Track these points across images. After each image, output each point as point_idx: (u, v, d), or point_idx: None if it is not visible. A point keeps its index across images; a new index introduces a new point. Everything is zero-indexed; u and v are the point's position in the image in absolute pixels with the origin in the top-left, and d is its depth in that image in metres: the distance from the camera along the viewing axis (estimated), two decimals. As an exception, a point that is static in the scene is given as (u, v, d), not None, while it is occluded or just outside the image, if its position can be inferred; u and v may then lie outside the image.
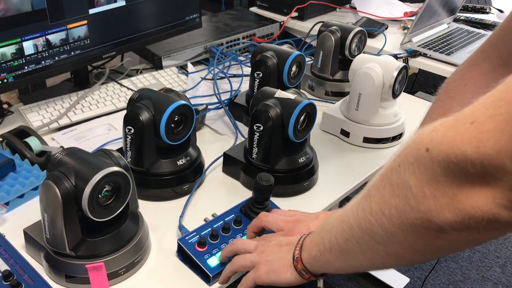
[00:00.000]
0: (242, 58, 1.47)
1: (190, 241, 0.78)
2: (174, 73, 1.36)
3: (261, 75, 1.10)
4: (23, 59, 1.05)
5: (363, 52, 1.24)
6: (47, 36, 1.08)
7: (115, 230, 0.73)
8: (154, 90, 0.94)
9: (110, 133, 1.12)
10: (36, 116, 1.12)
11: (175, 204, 0.91)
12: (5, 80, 1.04)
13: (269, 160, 0.93)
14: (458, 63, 0.91)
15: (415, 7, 1.84)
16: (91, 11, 1.14)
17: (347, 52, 1.27)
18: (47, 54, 1.09)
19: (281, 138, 0.92)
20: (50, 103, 1.16)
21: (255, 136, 0.92)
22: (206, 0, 1.97)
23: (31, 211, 0.87)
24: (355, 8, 1.81)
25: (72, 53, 1.14)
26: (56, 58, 1.11)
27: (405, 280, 1.89)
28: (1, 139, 1.00)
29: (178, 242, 0.79)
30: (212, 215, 0.86)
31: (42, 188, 0.68)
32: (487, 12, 1.91)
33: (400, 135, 1.14)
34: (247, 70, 1.38)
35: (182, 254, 0.79)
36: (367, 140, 1.11)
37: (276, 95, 0.93)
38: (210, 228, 0.80)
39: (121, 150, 0.89)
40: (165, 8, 1.30)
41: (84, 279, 0.72)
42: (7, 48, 1.02)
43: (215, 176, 1.01)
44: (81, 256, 0.71)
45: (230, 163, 1.00)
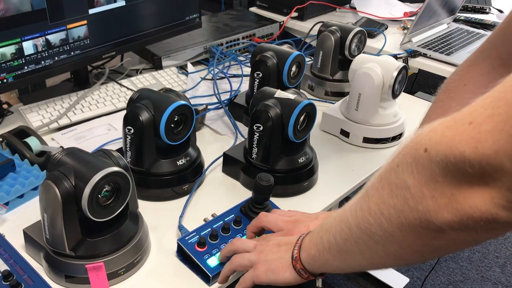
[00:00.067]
0: (242, 58, 1.47)
1: (189, 241, 0.78)
2: (174, 73, 1.36)
3: (261, 75, 1.10)
4: (23, 59, 1.05)
5: (363, 52, 1.24)
6: (47, 36, 1.08)
7: (114, 230, 0.73)
8: (154, 90, 0.94)
9: (110, 133, 1.12)
10: (36, 116, 1.12)
11: (175, 204, 0.91)
12: (4, 80, 1.04)
13: (269, 160, 0.93)
14: (457, 63, 0.91)
15: (415, 7, 1.84)
16: (91, 11, 1.14)
17: (347, 52, 1.27)
18: (46, 54, 1.09)
19: (281, 138, 0.92)
20: (50, 103, 1.16)
21: (255, 136, 0.92)
22: (206, 0, 1.97)
23: (30, 211, 0.87)
24: (355, 8, 1.81)
25: (72, 53, 1.14)
26: (56, 58, 1.11)
27: (404, 280, 1.89)
28: (1, 139, 1.00)
29: (177, 242, 0.79)
30: (212, 215, 0.86)
31: (41, 188, 0.68)
32: (487, 12, 1.91)
33: (400, 135, 1.14)
34: (247, 70, 1.38)
35: (182, 254, 0.79)
36: (367, 140, 1.11)
37: (276, 95, 0.93)
38: (210, 228, 0.81)
39: (121, 150, 0.89)
40: (165, 8, 1.30)
41: (83, 279, 0.72)
42: (6, 48, 1.02)
43: (215, 176, 1.01)
44: (80, 256, 0.71)
45: (230, 163, 1.00)
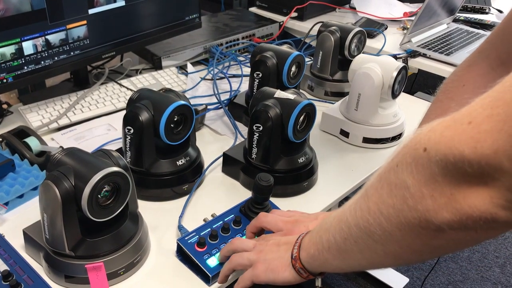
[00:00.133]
0: (241, 58, 1.47)
1: (189, 241, 0.78)
2: (174, 73, 1.36)
3: (260, 75, 1.10)
4: (23, 59, 1.06)
5: (363, 52, 1.24)
6: (47, 36, 1.08)
7: (114, 230, 0.73)
8: (154, 90, 0.94)
9: (109, 133, 1.12)
10: (36, 116, 1.12)
11: (174, 204, 0.91)
12: (4, 80, 1.04)
13: (268, 160, 0.93)
14: (457, 63, 0.91)
15: (415, 7, 1.84)
16: (91, 11, 1.14)
17: (346, 52, 1.27)
18: (46, 54, 1.09)
19: (280, 138, 0.92)
20: (49, 103, 1.16)
21: (255, 136, 0.92)
22: (206, 0, 1.97)
23: (30, 211, 0.87)
24: (355, 8, 1.81)
25: (72, 53, 1.14)
26: (56, 58, 1.11)
27: (404, 280, 1.89)
28: (0, 139, 1.00)
29: (177, 242, 0.79)
30: (212, 215, 0.86)
31: (41, 188, 0.68)
32: (487, 13, 1.92)
33: (399, 135, 1.14)
34: (247, 70, 1.38)
35: (182, 254, 0.79)
36: (366, 140, 1.11)
37: (275, 95, 0.93)
38: (210, 228, 0.81)
39: (120, 150, 0.89)
40: (164, 8, 1.30)
41: (83, 279, 0.72)
42: (6, 48, 1.02)
43: (215, 176, 1.01)
44: (80, 256, 0.71)
45: (230, 163, 1.00)
